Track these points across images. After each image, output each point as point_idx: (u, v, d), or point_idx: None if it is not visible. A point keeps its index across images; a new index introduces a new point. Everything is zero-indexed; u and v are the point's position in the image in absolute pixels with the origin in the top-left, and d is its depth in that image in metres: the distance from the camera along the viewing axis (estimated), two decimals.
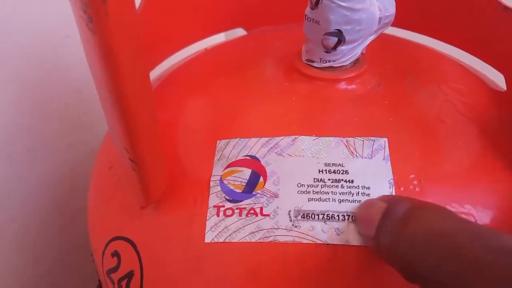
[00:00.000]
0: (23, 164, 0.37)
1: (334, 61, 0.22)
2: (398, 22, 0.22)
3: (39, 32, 0.35)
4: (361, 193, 0.18)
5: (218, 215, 0.18)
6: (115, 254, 0.20)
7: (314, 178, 0.19)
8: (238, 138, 0.20)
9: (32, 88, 0.35)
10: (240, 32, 0.33)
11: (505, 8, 0.24)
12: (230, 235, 0.18)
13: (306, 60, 0.22)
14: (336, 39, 0.21)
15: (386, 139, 0.19)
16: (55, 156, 0.39)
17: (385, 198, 0.17)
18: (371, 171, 0.18)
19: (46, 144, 0.38)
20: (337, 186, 0.18)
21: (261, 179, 0.19)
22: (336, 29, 0.20)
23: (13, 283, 0.39)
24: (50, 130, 0.38)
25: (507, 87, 0.24)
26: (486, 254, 0.13)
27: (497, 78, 0.26)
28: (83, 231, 0.44)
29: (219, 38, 0.32)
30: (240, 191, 0.19)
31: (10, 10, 0.32)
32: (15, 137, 0.35)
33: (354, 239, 0.17)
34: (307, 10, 0.21)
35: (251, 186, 0.19)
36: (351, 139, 0.19)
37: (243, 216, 0.18)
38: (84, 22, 0.14)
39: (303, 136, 0.20)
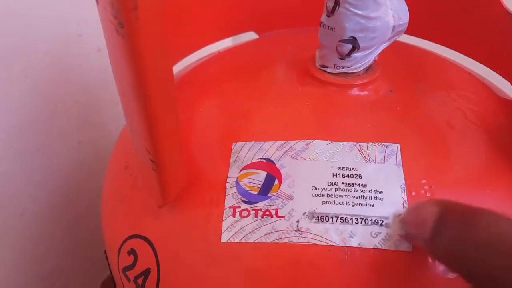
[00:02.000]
0: (33, 161, 0.37)
1: (348, 67, 0.22)
2: (409, 29, 0.23)
3: (52, 31, 0.35)
4: (374, 197, 0.18)
5: (234, 216, 0.19)
6: (132, 252, 0.21)
7: (328, 182, 0.19)
8: (254, 141, 0.21)
9: (43, 87, 0.36)
10: (250, 35, 0.34)
11: None
12: (245, 235, 0.18)
13: (320, 65, 0.23)
14: (350, 46, 0.21)
15: (398, 145, 0.20)
16: (64, 153, 0.40)
17: (436, 202, 0.17)
18: (383, 175, 0.19)
19: (55, 141, 0.39)
20: (350, 190, 0.19)
21: (276, 181, 0.19)
22: (351, 36, 0.21)
23: (19, 279, 0.40)
24: (60, 128, 0.39)
25: None
26: None
27: (504, 86, 0.26)
28: (91, 228, 0.45)
29: (226, 42, 0.32)
30: (256, 193, 0.19)
31: (24, 9, 0.32)
32: (25, 135, 0.36)
33: (367, 242, 0.18)
34: (323, 17, 0.22)
35: (266, 188, 0.19)
36: (364, 144, 0.20)
37: (259, 217, 0.19)
38: (114, 27, 0.14)
39: (317, 140, 0.20)
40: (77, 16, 0.36)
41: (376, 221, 0.18)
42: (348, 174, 0.19)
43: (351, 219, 0.18)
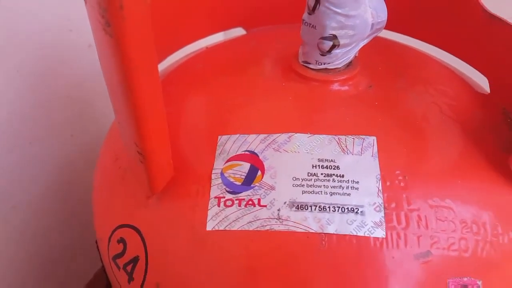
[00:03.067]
0: (25, 155, 0.38)
1: (329, 63, 0.23)
2: (390, 25, 0.24)
3: (43, 27, 0.35)
4: (351, 187, 0.20)
5: (219, 206, 0.20)
6: (121, 240, 0.22)
7: (308, 173, 0.20)
8: (238, 134, 0.22)
9: (35, 81, 0.36)
10: (238, 31, 0.34)
11: (492, 16, 0.25)
12: (229, 223, 0.19)
13: (303, 61, 0.24)
14: (331, 43, 0.22)
15: (375, 138, 0.21)
16: (57, 147, 0.41)
17: None
18: (360, 167, 0.20)
19: (48, 135, 0.39)
20: (328, 180, 0.20)
21: (259, 172, 0.20)
22: (331, 34, 0.22)
23: (14, 270, 0.40)
24: (52, 122, 0.39)
25: (490, 90, 0.26)
26: None
27: (482, 81, 0.27)
28: (84, 220, 0.46)
29: (217, 37, 0.33)
30: (240, 183, 0.20)
31: (16, 5, 0.33)
32: (18, 129, 0.36)
33: (343, 228, 0.19)
34: (304, 15, 0.22)
35: (249, 179, 0.20)
36: (342, 137, 0.21)
37: (242, 206, 0.20)
38: (101, 26, 0.15)
39: (298, 134, 0.21)
40: (68, 12, 0.37)
41: (352, 209, 0.19)
42: (327, 166, 0.20)
43: (329, 207, 0.19)
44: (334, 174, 0.20)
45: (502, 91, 0.25)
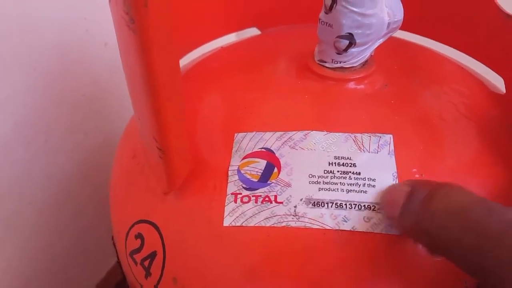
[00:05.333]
0: (40, 152, 0.38)
1: (345, 62, 0.23)
2: (405, 25, 0.24)
3: (60, 26, 0.36)
4: (367, 184, 0.20)
5: (235, 202, 0.20)
6: (139, 236, 0.22)
7: (324, 170, 0.20)
8: (255, 132, 0.22)
9: (51, 79, 0.37)
10: (252, 31, 0.35)
11: (507, 15, 0.25)
12: (246, 220, 0.20)
13: (319, 60, 0.24)
14: (347, 41, 0.22)
15: (391, 136, 0.21)
16: (71, 144, 0.41)
17: (408, 182, 0.18)
18: (376, 164, 0.20)
19: (63, 133, 0.40)
20: (345, 178, 0.20)
21: (276, 169, 0.21)
22: (347, 33, 0.22)
23: (27, 266, 0.41)
24: (67, 119, 0.40)
25: (506, 90, 0.26)
26: (499, 227, 0.14)
27: (497, 81, 0.27)
28: (96, 217, 0.46)
29: (231, 38, 0.34)
30: (256, 180, 0.20)
31: (34, 5, 0.33)
32: (34, 126, 0.37)
33: (360, 226, 0.19)
34: (321, 14, 0.23)
35: (266, 176, 0.20)
36: (359, 135, 0.21)
37: (259, 203, 0.20)
38: (125, 22, 0.15)
39: (314, 131, 0.21)
40: (84, 12, 0.37)
41: (369, 206, 0.19)
42: (343, 163, 0.20)
43: (345, 204, 0.19)
44: (350, 172, 0.20)
45: None
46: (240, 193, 0.20)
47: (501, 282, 0.14)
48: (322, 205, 0.19)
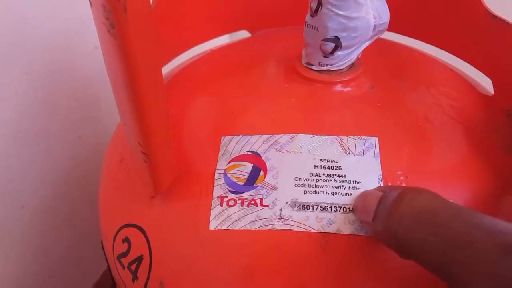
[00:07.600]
0: (33, 156, 0.38)
1: (332, 65, 0.23)
2: (392, 26, 0.24)
3: (51, 30, 0.36)
4: (352, 187, 0.20)
5: (221, 205, 0.20)
6: (126, 240, 0.22)
7: (310, 173, 0.20)
8: (241, 135, 0.22)
9: (43, 83, 0.37)
10: (243, 34, 0.35)
11: (494, 17, 0.25)
12: (232, 223, 0.20)
13: (306, 63, 0.24)
14: (333, 44, 0.22)
15: (377, 138, 0.21)
16: (64, 148, 0.41)
17: (381, 188, 0.19)
18: (362, 167, 0.20)
19: (56, 137, 0.40)
20: (330, 180, 0.20)
21: (262, 173, 0.21)
22: (333, 36, 0.22)
23: (21, 269, 0.41)
24: (60, 123, 0.40)
25: (494, 91, 0.26)
26: (465, 229, 0.14)
27: (486, 83, 0.27)
28: (91, 220, 0.46)
29: (222, 39, 0.34)
30: (242, 183, 0.20)
31: (24, 7, 0.33)
32: (26, 130, 0.37)
33: (344, 228, 0.19)
34: (307, 17, 0.23)
35: (252, 179, 0.20)
36: (344, 138, 0.21)
37: (245, 206, 0.20)
38: (106, 28, 0.15)
39: (301, 134, 0.21)
40: (75, 16, 0.37)
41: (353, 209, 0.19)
42: (329, 166, 0.20)
43: (331, 207, 0.19)
44: (336, 175, 0.20)
45: (506, 93, 0.25)
46: (226, 197, 0.20)
47: (466, 284, 0.14)
48: (308, 208, 0.19)
